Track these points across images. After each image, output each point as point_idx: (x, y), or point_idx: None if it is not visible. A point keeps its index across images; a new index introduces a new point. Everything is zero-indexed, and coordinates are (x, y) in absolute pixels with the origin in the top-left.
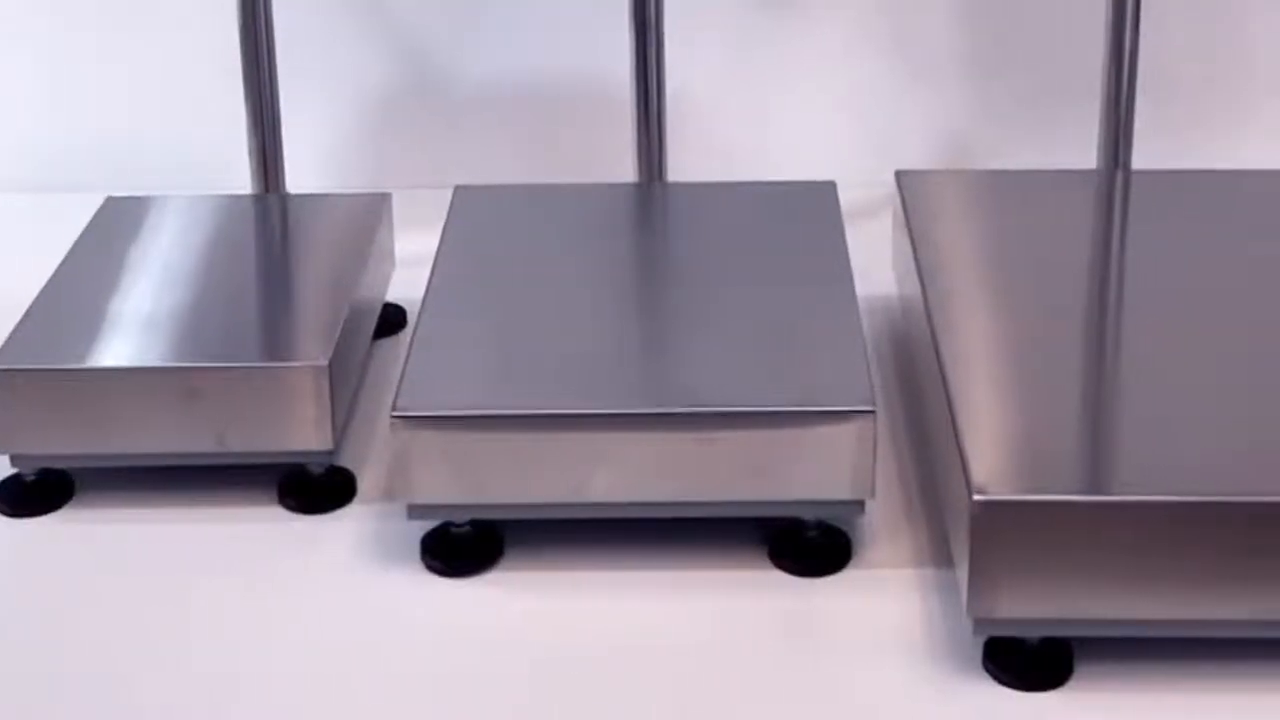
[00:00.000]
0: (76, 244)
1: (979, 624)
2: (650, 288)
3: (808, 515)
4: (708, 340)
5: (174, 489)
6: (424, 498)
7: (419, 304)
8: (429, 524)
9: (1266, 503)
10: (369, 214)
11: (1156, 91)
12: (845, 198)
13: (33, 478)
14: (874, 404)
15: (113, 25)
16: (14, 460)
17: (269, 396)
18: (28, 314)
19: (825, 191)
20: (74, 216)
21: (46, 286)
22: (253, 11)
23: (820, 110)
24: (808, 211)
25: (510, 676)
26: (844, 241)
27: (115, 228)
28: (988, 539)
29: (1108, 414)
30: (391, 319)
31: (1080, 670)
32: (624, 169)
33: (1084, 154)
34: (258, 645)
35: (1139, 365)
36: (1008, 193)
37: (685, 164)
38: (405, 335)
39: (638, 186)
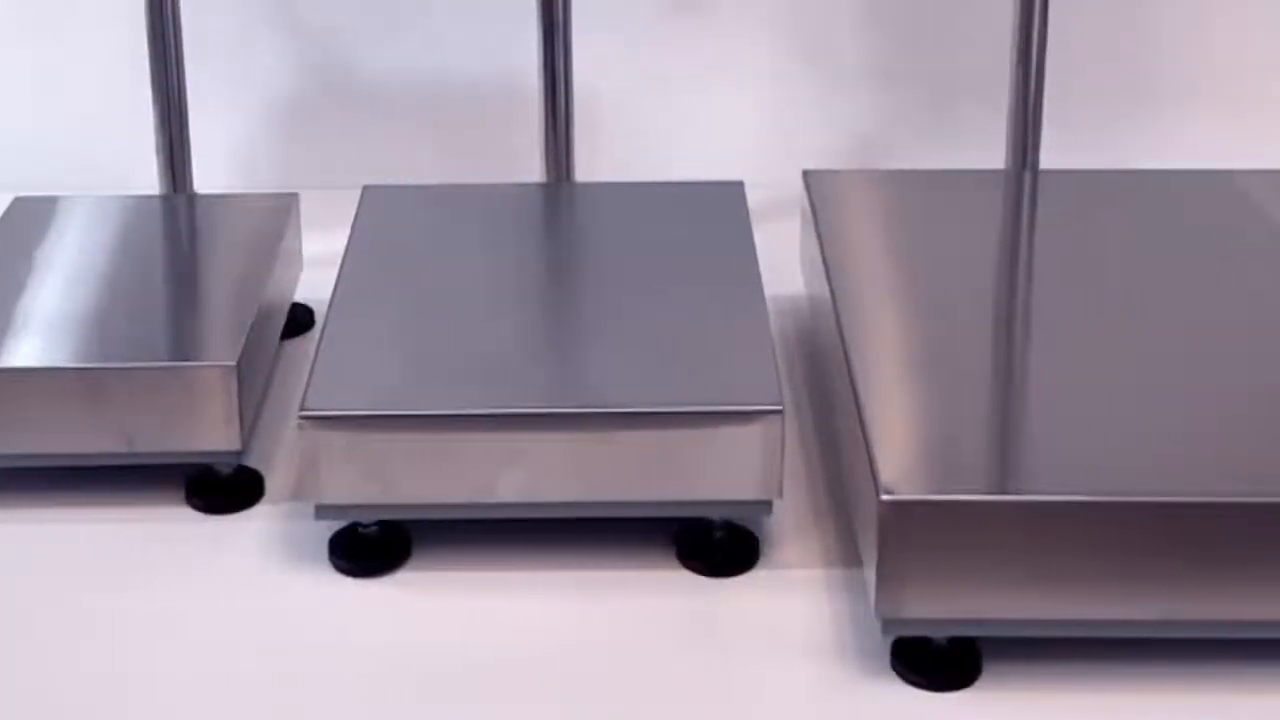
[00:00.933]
0: None
1: (887, 624)
2: (558, 288)
3: (715, 515)
4: (615, 340)
5: (81, 489)
6: (331, 498)
7: (327, 304)
8: (337, 524)
9: (1173, 503)
10: (277, 214)
11: (1064, 92)
12: (753, 198)
13: None
14: (782, 404)
15: (19, 24)
16: None
17: (177, 397)
18: None
19: (733, 191)
20: None
21: None
22: (160, 11)
23: (728, 111)
24: (715, 211)
25: (417, 677)
26: (752, 241)
27: (23, 228)
28: (896, 539)
29: (1015, 414)
30: (299, 319)
31: (988, 670)
32: (532, 169)
33: (992, 154)
34: (164, 645)
35: (1046, 365)
36: (916, 193)
37: (593, 164)
38: (313, 335)
39: (545, 186)
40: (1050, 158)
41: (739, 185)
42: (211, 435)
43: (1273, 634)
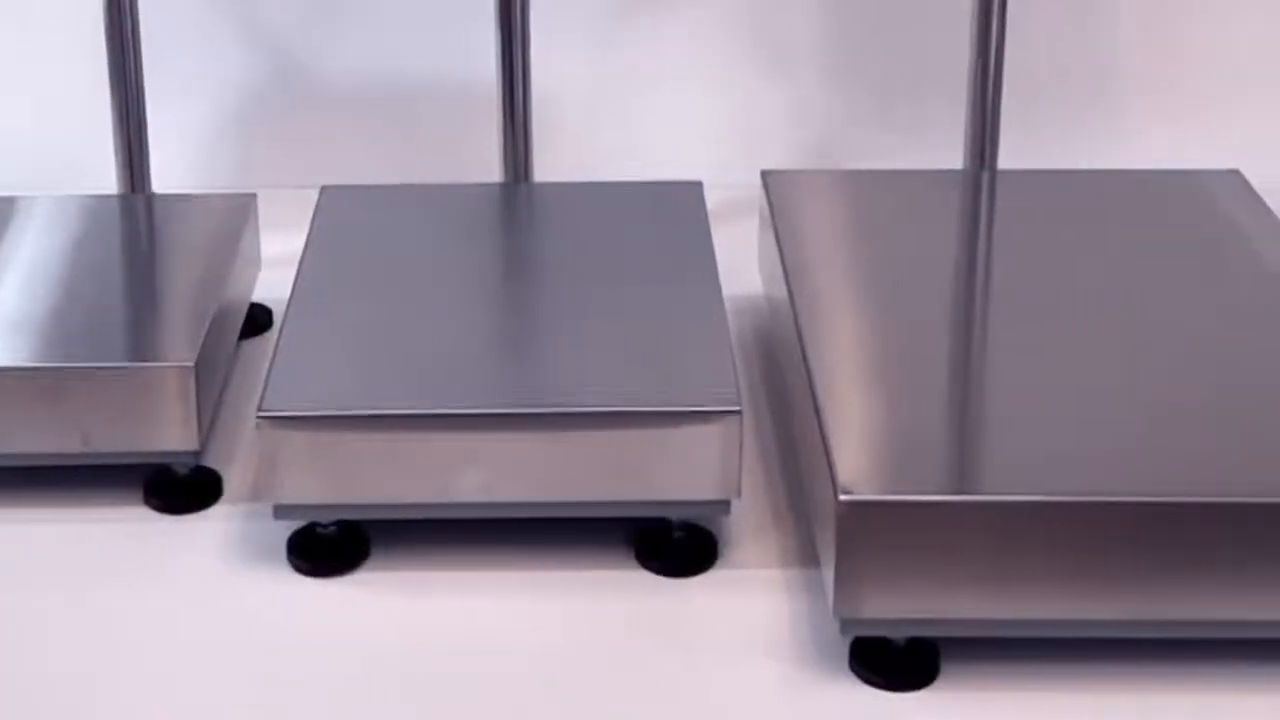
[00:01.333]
0: None
1: (845, 624)
2: (516, 288)
3: (674, 515)
4: (574, 340)
5: (39, 489)
6: (290, 498)
7: (285, 304)
8: (295, 524)
9: (1131, 503)
10: (235, 214)
11: (1023, 92)
12: (711, 198)
13: None
14: (740, 404)
15: None
16: None
17: (135, 396)
18: None
19: (691, 191)
20: None
21: None
22: (118, 10)
23: (686, 110)
24: (674, 211)
25: (376, 677)
26: (710, 241)
27: None
28: (854, 539)
29: (974, 414)
30: (257, 319)
31: (946, 670)
32: (490, 169)
33: (950, 154)
34: (122, 646)
35: (1005, 365)
36: (874, 193)
37: (551, 164)
38: (271, 335)
39: (504, 186)
40: (1009, 158)
41: (697, 185)
42: (169, 435)
43: (1230, 633)
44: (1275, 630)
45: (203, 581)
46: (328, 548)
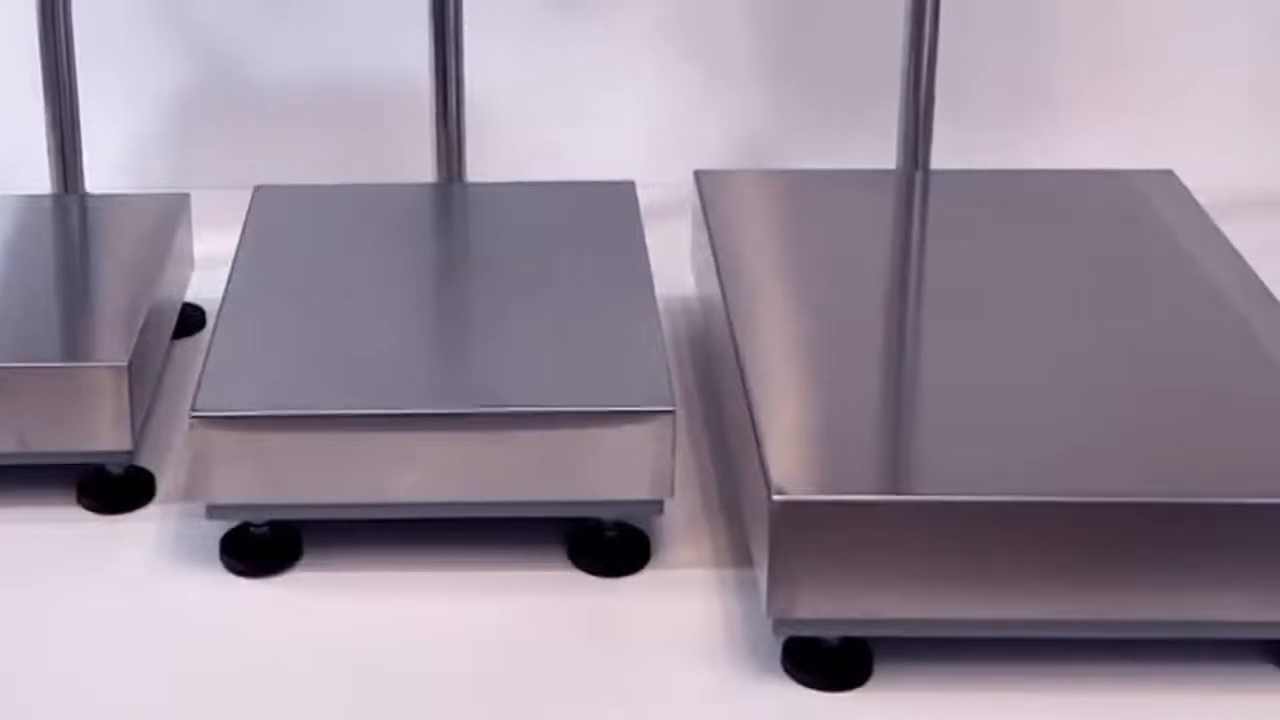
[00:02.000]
0: None
1: (778, 624)
2: (450, 288)
3: (607, 515)
4: (507, 340)
5: None
6: (223, 498)
7: (218, 304)
8: (228, 524)
9: (1064, 503)
10: (168, 214)
11: (956, 92)
12: (644, 198)
13: None
14: (673, 404)
15: None
16: None
17: (68, 396)
18: None
19: (624, 191)
20: None
21: None
22: (52, 9)
23: (619, 111)
24: (607, 212)
25: (309, 677)
26: (643, 241)
27: None
28: (787, 539)
29: (907, 414)
30: (190, 319)
31: (879, 670)
32: (424, 169)
33: (884, 154)
34: (55, 646)
35: (938, 365)
36: (807, 193)
37: (485, 164)
38: (204, 336)
39: (437, 187)
40: (942, 158)
41: (630, 185)
42: (103, 435)
43: (1162, 634)
44: (1204, 630)
45: (136, 581)
46: (261, 547)
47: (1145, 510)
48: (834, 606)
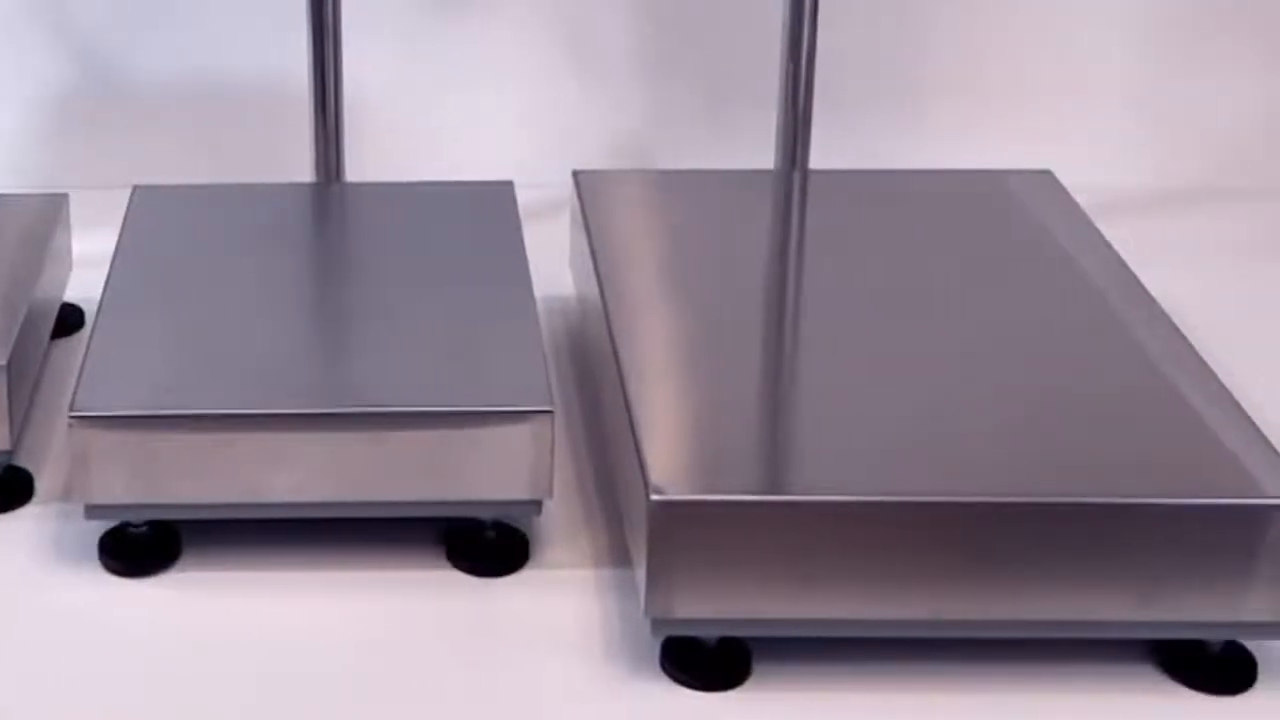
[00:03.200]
0: None
1: (657, 624)
2: (328, 288)
3: (485, 515)
4: (385, 341)
5: None
6: (101, 498)
7: (96, 304)
8: (107, 524)
9: (942, 503)
10: (46, 214)
11: (835, 92)
12: (523, 198)
13: None
14: (551, 404)
15: None
16: None
17: None
18: None
19: (503, 191)
20: None
21: None
22: None
23: (498, 110)
24: (485, 211)
25: (186, 677)
26: (522, 241)
27: None
28: (665, 539)
29: (785, 414)
30: (69, 319)
31: (758, 670)
32: (302, 169)
33: (762, 155)
34: None
35: (816, 365)
36: (686, 192)
37: (363, 164)
38: (83, 335)
39: (316, 186)
40: (821, 158)
41: (509, 185)
42: None
43: (1041, 633)
44: (1083, 630)
45: (14, 581)
46: (139, 547)
47: (1022, 510)
48: (712, 606)
